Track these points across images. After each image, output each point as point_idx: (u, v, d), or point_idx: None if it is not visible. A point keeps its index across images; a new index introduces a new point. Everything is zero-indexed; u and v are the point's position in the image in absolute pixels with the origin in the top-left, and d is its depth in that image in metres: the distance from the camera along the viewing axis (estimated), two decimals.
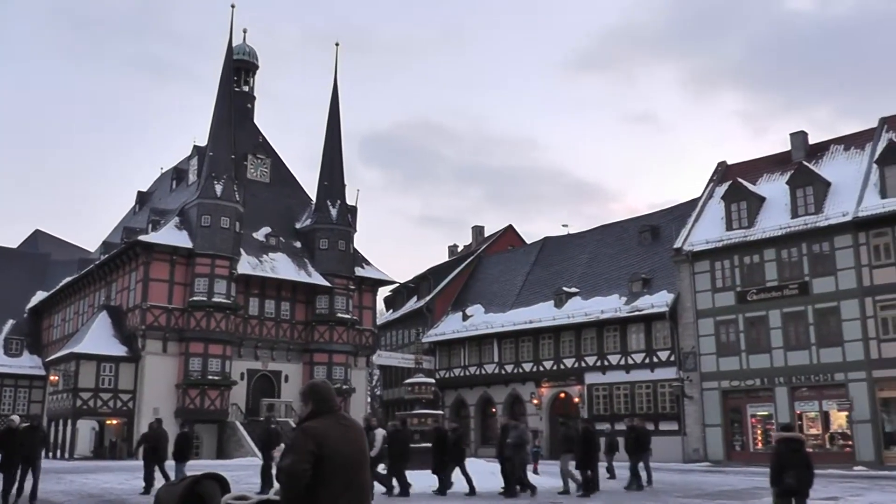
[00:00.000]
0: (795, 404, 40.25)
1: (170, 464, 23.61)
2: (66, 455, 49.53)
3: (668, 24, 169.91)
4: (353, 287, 57.59)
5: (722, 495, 22.22)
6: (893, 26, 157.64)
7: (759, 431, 41.73)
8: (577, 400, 50.15)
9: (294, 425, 19.10)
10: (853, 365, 38.20)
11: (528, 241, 68.28)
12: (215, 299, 50.49)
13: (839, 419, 39.45)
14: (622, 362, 48.26)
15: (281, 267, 54.38)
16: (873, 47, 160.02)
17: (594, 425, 25.34)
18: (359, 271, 58.44)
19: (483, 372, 56.09)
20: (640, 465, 24.87)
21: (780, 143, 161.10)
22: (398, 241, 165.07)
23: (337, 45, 61.30)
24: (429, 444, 23.78)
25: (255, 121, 61.34)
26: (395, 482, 22.00)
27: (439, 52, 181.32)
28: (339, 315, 55.85)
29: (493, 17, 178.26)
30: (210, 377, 49.92)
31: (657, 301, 46.52)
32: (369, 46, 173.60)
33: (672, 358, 45.56)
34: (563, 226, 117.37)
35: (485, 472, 24.18)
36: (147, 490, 22.25)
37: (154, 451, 23.41)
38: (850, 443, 38.26)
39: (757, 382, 41.49)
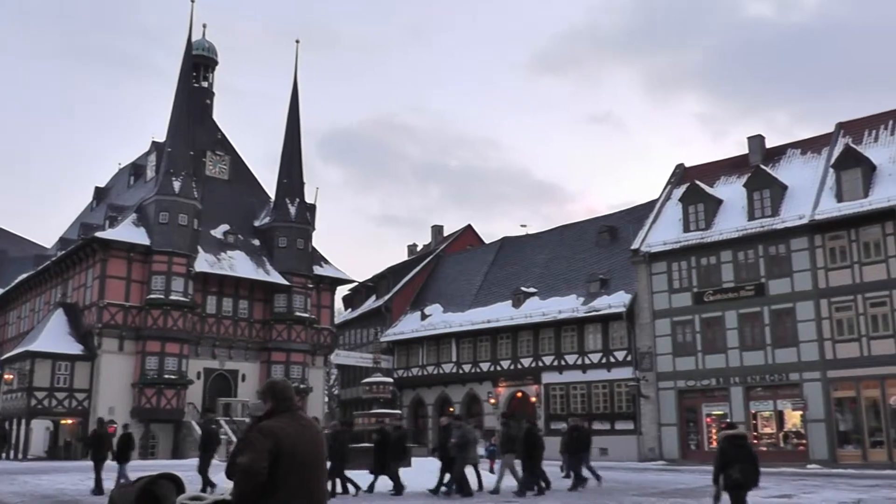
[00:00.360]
0: (750, 404, 40.83)
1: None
2: (20, 455, 48.95)
3: (631, 26, 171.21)
4: (311, 286, 57.43)
5: (677, 493, 22.43)
6: (851, 34, 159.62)
7: (714, 430, 42.07)
8: (533, 399, 50.33)
9: (250, 424, 19.04)
10: (808, 365, 38.79)
11: (487, 241, 68.35)
12: (173, 297, 50.13)
13: (793, 418, 40.06)
14: (579, 362, 48.48)
15: (239, 265, 54.07)
16: (831, 54, 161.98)
17: (536, 425, 25.25)
18: (317, 270, 58.29)
19: (441, 371, 56.13)
20: (584, 464, 24.97)
21: (738, 147, 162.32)
22: (357, 239, 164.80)
23: (297, 42, 61.20)
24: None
25: (215, 117, 60.96)
26: (338, 483, 21.87)
27: (402, 50, 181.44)
28: (298, 314, 55.69)
29: (457, 16, 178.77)
30: (167, 376, 49.56)
31: (614, 301, 46.80)
32: (331, 44, 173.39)
33: (629, 358, 45.87)
34: (522, 226, 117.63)
35: (439, 470, 24.21)
36: (96, 490, 22.09)
37: (96, 452, 23.29)
38: (804, 441, 38.85)
39: (712, 382, 41.93)
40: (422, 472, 24.46)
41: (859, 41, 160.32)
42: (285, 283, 54.79)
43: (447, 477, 22.21)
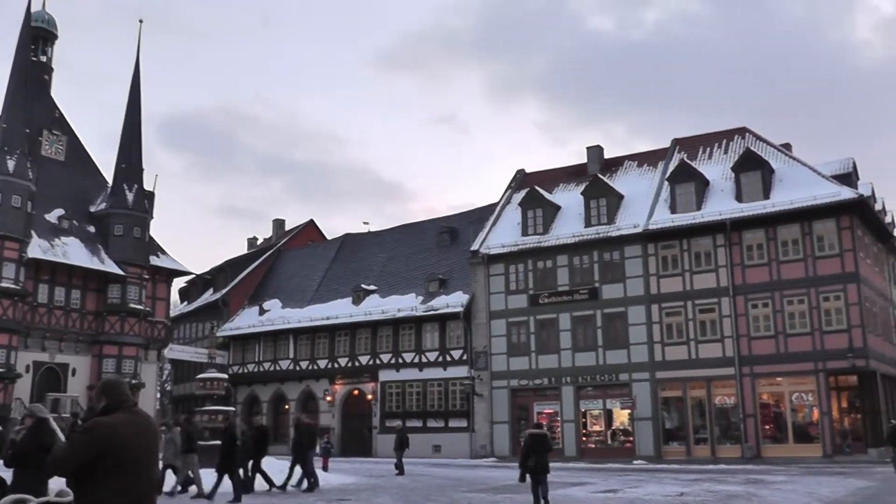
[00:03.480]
0: (581, 402, 42.21)
1: None
2: None
3: (478, 30, 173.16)
4: (147, 277, 55.44)
5: (506, 489, 22.81)
6: (688, 53, 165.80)
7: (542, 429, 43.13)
8: (370, 397, 50.33)
9: (80, 421, 18.38)
10: (638, 366, 40.47)
11: (329, 237, 67.97)
12: (3, 284, 47.47)
13: (622, 417, 41.74)
14: (416, 360, 48.75)
15: (73, 252, 51.67)
16: (668, 71, 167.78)
17: (265, 424, 24.77)
18: (154, 260, 56.28)
19: (278, 368, 55.36)
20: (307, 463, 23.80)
21: (577, 156, 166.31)
22: (196, 230, 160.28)
23: (141, 21, 59.08)
24: (217, 442, 22.57)
25: (53, 94, 58.25)
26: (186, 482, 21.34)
27: (248, 38, 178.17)
28: (132, 305, 53.58)
29: (307, 7, 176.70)
30: None
31: (452, 301, 47.29)
32: (175, 26, 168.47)
33: (465, 357, 46.46)
34: (365, 223, 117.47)
35: (275, 470, 23.97)
36: None
37: None
38: (632, 439, 40.56)
39: (545, 381, 43.00)
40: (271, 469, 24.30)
41: (695, 61, 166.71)
42: (120, 272, 52.75)
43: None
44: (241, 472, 21.28)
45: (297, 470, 23.18)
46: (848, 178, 40.89)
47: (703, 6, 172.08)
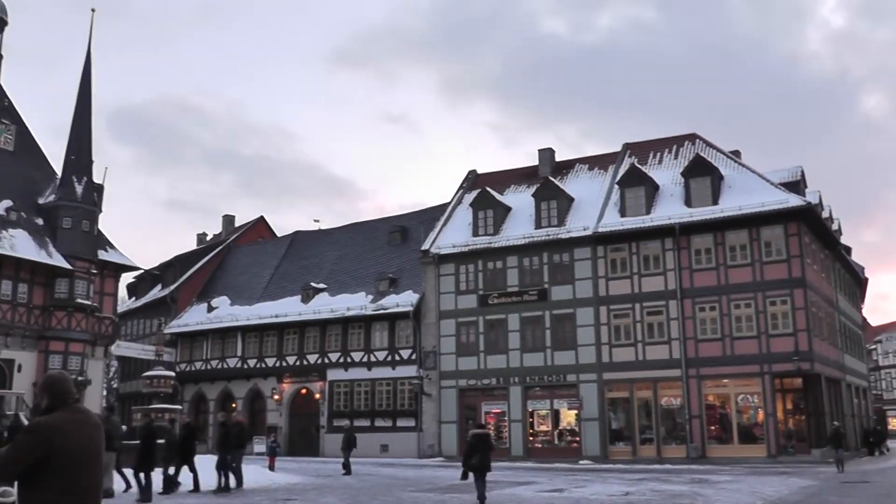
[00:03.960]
0: (528, 403, 42.41)
1: None
2: None
3: (431, 30, 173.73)
4: (95, 271, 54.63)
5: (452, 489, 22.79)
6: (640, 59, 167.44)
7: (492, 428, 43.28)
8: (317, 396, 50.11)
9: (26, 420, 18.04)
10: (585, 367, 40.81)
11: (280, 234, 67.55)
12: None
13: (569, 417, 42.06)
14: (365, 359, 48.58)
15: (21, 245, 50.69)
16: (620, 76, 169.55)
17: (156, 424, 24.26)
18: (102, 255, 55.37)
19: (225, 366, 54.75)
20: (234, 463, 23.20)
21: (528, 157, 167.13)
22: (144, 224, 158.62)
23: (93, 10, 58.10)
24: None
25: (2, 82, 57.15)
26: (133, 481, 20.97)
27: (199, 31, 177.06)
28: (79, 300, 52.72)
29: (259, 1, 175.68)
30: None
31: (402, 300, 47.23)
32: (127, 16, 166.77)
33: (413, 356, 46.42)
34: (315, 221, 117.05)
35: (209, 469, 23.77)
36: None
37: None
38: (578, 439, 40.86)
39: (493, 381, 43.11)
40: (202, 470, 24.02)
41: (647, 67, 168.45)
42: (68, 266, 52.02)
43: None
44: (169, 470, 21.16)
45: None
46: (796, 185, 41.55)
47: (655, 14, 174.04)
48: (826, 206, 47.56)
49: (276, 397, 51.53)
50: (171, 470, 21.43)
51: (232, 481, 22.48)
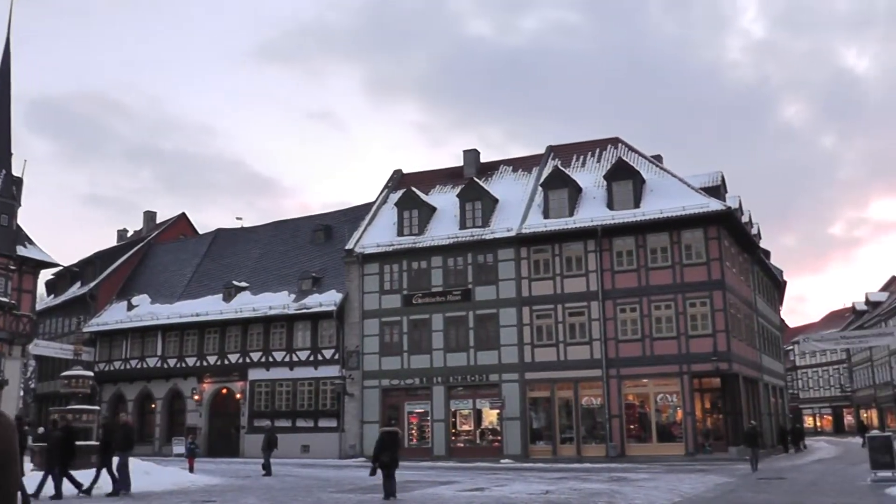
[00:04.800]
0: (451, 402, 42.55)
1: None
2: None
3: (357, 28, 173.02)
4: (13, 267, 53.33)
5: (374, 489, 22.63)
6: (564, 62, 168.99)
7: (415, 428, 43.40)
8: (238, 396, 49.59)
9: None
10: (507, 367, 41.06)
11: (202, 232, 66.72)
12: None
13: (490, 416, 42.23)
14: (287, 359, 48.21)
15: None
16: (545, 79, 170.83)
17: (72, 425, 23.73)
18: (21, 250, 54.09)
19: (145, 366, 53.71)
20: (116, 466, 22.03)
21: (454, 158, 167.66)
22: (64, 219, 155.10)
23: None
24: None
25: None
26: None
27: (121, 22, 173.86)
28: None
29: None
30: None
31: (325, 300, 46.96)
32: (47, 5, 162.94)
33: (336, 356, 46.20)
34: (238, 218, 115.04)
35: (139, 470, 23.37)
36: None
37: None
38: (500, 438, 41.04)
39: (416, 381, 43.12)
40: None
41: (571, 71, 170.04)
42: None
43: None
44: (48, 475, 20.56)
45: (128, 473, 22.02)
46: (716, 190, 42.32)
47: (580, 18, 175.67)
48: (745, 210, 48.50)
49: (197, 397, 50.85)
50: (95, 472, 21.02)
51: (109, 485, 21.43)
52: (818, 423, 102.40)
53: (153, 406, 53.63)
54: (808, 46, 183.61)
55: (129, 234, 72.23)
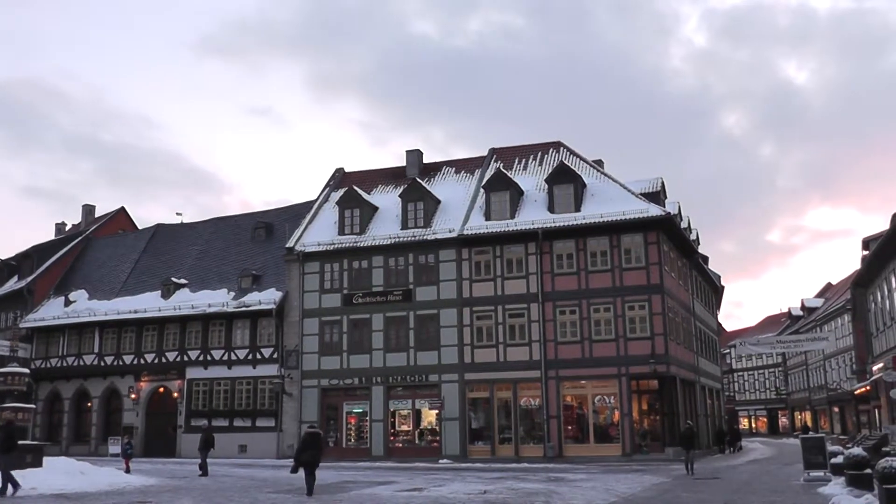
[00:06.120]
0: (390, 402, 42.55)
1: None
2: None
3: (301, 24, 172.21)
4: None
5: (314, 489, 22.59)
6: (508, 65, 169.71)
7: (353, 428, 43.37)
8: (176, 395, 49.06)
9: None
10: (447, 368, 41.23)
11: (141, 227, 65.63)
12: None
13: (430, 417, 42.34)
14: (226, 357, 47.81)
15: None
16: (488, 81, 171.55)
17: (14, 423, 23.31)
18: None
19: (82, 363, 52.64)
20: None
21: (397, 158, 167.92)
22: (1, 211, 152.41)
23: None
24: None
25: None
26: None
27: (62, 9, 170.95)
28: None
29: None
30: None
31: (265, 298, 46.66)
32: None
33: (275, 355, 45.94)
34: (178, 214, 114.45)
35: (74, 471, 23.06)
36: None
37: None
38: (439, 438, 41.17)
39: (356, 381, 43.05)
40: (54, 472, 23.32)
41: (515, 73, 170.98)
42: None
43: None
44: None
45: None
46: (656, 196, 42.80)
47: (525, 21, 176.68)
48: (685, 216, 49.15)
49: (134, 396, 50.13)
50: None
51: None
52: (753, 425, 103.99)
53: (89, 405, 52.78)
54: (748, 58, 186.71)
55: (67, 228, 71.04)
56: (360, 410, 43.30)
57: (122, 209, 68.68)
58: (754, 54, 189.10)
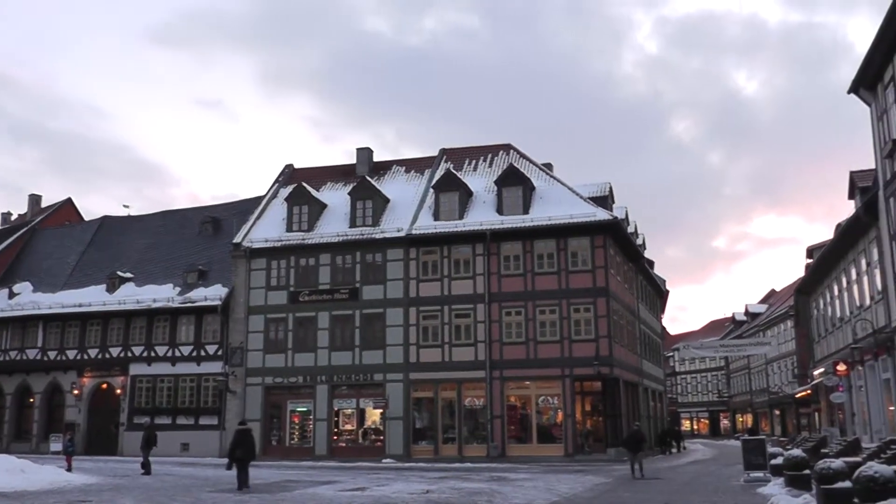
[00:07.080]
0: (334, 401, 42.60)
1: None
2: None
3: (252, 17, 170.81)
4: None
5: (254, 489, 22.59)
6: (460, 65, 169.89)
7: (297, 427, 43.29)
8: (119, 392, 48.46)
9: None
10: (392, 367, 41.33)
11: (88, 218, 64.94)
12: None
13: (374, 416, 42.41)
14: (170, 354, 47.40)
15: None
16: (440, 81, 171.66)
17: None
18: None
19: (24, 357, 51.59)
20: None
21: (347, 155, 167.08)
22: None
23: None
24: None
25: None
26: None
27: None
28: None
29: None
30: None
31: (211, 294, 46.38)
32: None
33: (220, 352, 45.69)
34: (125, 206, 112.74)
35: (14, 469, 22.83)
36: None
37: None
38: (382, 438, 41.21)
39: (300, 380, 42.97)
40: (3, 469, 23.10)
41: (467, 74, 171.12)
42: None
43: None
44: None
45: None
46: (604, 200, 43.27)
47: (478, 21, 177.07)
48: (632, 221, 49.64)
49: (76, 392, 49.37)
50: None
51: None
52: (695, 427, 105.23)
53: (31, 400, 51.89)
54: (699, 66, 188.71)
55: (13, 218, 69.91)
56: (304, 409, 43.24)
57: (69, 200, 67.83)
58: (706, 63, 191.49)
